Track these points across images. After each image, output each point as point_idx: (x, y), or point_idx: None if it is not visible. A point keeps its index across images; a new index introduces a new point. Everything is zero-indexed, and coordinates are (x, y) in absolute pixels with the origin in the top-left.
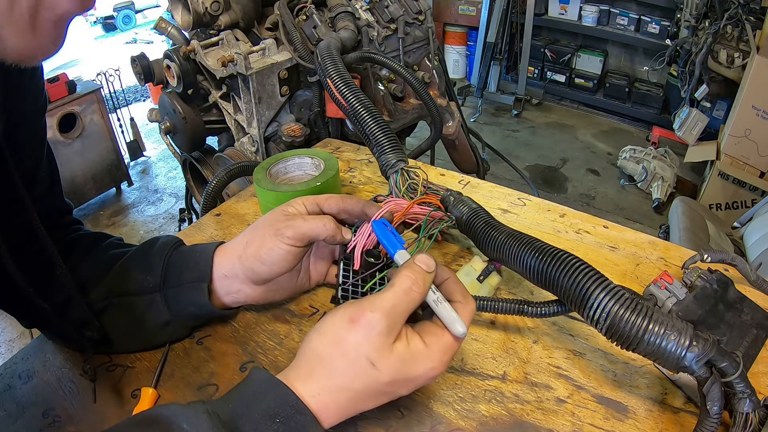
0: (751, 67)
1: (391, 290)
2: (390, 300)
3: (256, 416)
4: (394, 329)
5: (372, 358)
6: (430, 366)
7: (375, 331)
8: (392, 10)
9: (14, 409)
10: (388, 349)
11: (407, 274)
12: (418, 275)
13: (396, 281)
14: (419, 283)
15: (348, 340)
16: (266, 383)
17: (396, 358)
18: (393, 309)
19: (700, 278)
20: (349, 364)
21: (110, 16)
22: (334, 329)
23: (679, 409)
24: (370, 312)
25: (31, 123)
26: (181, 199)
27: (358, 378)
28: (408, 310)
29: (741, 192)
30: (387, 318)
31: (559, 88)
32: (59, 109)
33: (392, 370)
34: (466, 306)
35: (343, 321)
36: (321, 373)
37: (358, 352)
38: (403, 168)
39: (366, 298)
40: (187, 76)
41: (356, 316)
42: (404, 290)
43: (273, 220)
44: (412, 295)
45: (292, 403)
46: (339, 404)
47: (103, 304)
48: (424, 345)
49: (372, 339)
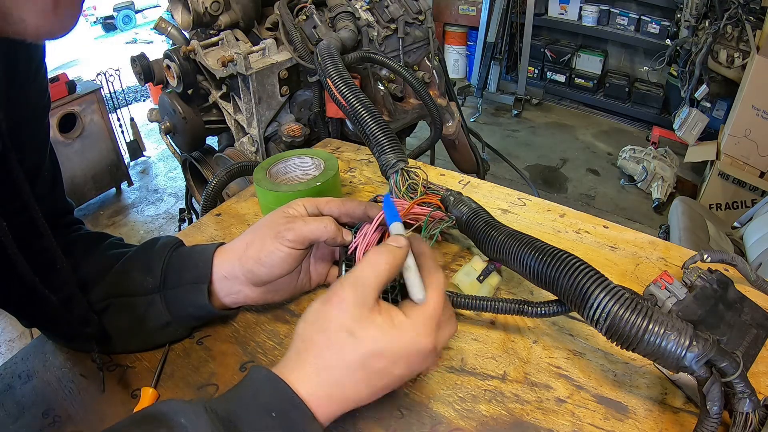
0: (751, 67)
1: (357, 265)
2: (354, 272)
3: (253, 411)
4: (365, 300)
5: (349, 328)
6: (414, 336)
7: (346, 303)
8: (392, 10)
9: (14, 409)
10: (366, 319)
11: (375, 248)
12: (382, 250)
13: (364, 257)
14: (385, 255)
15: (325, 317)
16: (263, 379)
17: (374, 326)
18: (358, 279)
19: (700, 278)
20: (329, 339)
21: (110, 16)
22: (313, 312)
23: (679, 409)
24: (339, 286)
25: (34, 122)
26: (181, 199)
27: (341, 352)
28: (378, 281)
29: (741, 192)
30: (353, 288)
31: (559, 88)
32: (59, 109)
33: (373, 338)
34: (433, 277)
35: (320, 302)
36: (307, 357)
37: (335, 324)
38: (403, 168)
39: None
40: (187, 76)
41: (329, 295)
42: (369, 262)
43: (273, 222)
44: (377, 266)
45: (288, 398)
46: (328, 387)
47: (103, 304)
48: (405, 316)
49: (345, 310)
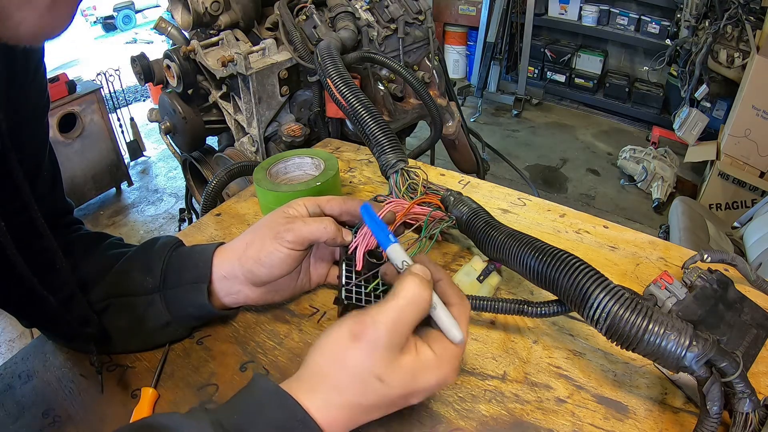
0: (751, 67)
1: (394, 301)
2: (393, 312)
3: (262, 428)
4: (399, 343)
5: (379, 374)
6: (442, 376)
7: (379, 347)
8: (392, 10)
9: (14, 409)
10: (396, 364)
11: (413, 281)
12: (422, 281)
13: (400, 291)
14: (426, 290)
15: (351, 357)
16: (272, 394)
17: (405, 371)
18: (397, 322)
19: (700, 278)
20: (355, 381)
21: (110, 16)
22: (336, 346)
23: (679, 409)
24: (372, 328)
25: (34, 121)
26: (181, 199)
27: (368, 394)
28: (414, 322)
29: (741, 192)
30: (390, 333)
31: (559, 88)
32: (59, 109)
33: (402, 383)
34: (462, 308)
35: (345, 337)
36: (325, 388)
37: (363, 368)
38: (403, 168)
39: (369, 310)
40: (187, 76)
41: (358, 331)
42: (409, 301)
43: (273, 222)
44: (420, 305)
45: (300, 417)
46: (346, 418)
47: (103, 304)
48: (434, 354)
49: (376, 356)
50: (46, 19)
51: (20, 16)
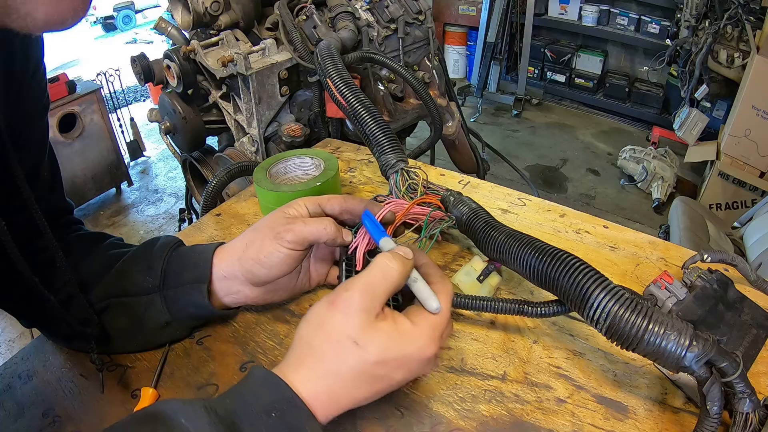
0: (751, 67)
1: (366, 270)
2: (364, 278)
3: (253, 411)
4: (372, 307)
5: (354, 336)
6: (420, 344)
7: (352, 309)
8: (392, 10)
9: (14, 409)
10: (370, 326)
11: (384, 254)
12: (396, 256)
13: (373, 263)
14: (396, 262)
15: (329, 322)
16: (263, 378)
17: (381, 335)
18: (367, 286)
19: (700, 278)
20: (333, 345)
21: (110, 16)
22: (316, 314)
23: (679, 409)
24: (345, 291)
25: (33, 121)
26: (181, 199)
27: (345, 359)
28: (386, 289)
29: (741, 192)
30: (362, 294)
31: (559, 88)
32: (59, 109)
33: (378, 347)
34: (443, 286)
35: (324, 305)
36: (310, 360)
37: (339, 332)
38: (403, 168)
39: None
40: (187, 76)
41: (334, 298)
42: (380, 268)
43: (273, 222)
44: (389, 273)
45: (288, 398)
46: (330, 390)
47: (102, 304)
48: (411, 323)
49: (350, 317)
50: (57, 7)
51: (29, 8)
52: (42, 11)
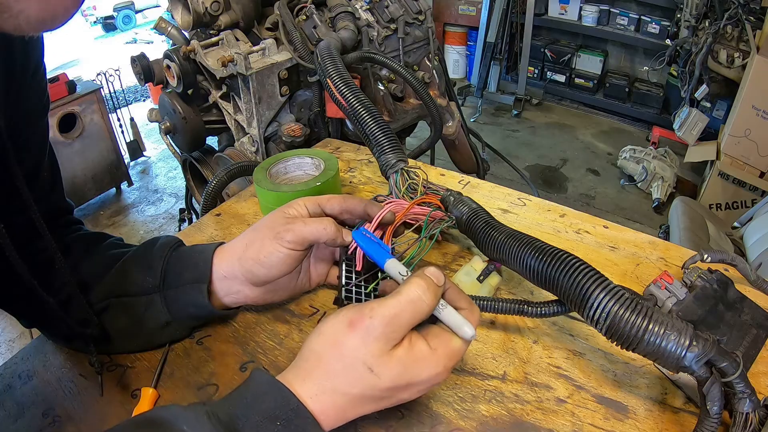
0: (751, 67)
1: (396, 298)
2: (393, 308)
3: (256, 418)
4: (393, 337)
5: (369, 363)
6: (435, 372)
7: (372, 338)
8: (392, 10)
9: (14, 409)
10: (387, 355)
11: (418, 283)
12: (429, 285)
13: (403, 289)
14: (429, 294)
15: (345, 344)
16: (266, 385)
17: (396, 363)
18: (394, 318)
19: (700, 278)
20: (346, 367)
21: (110, 16)
22: (333, 331)
23: (679, 409)
24: (369, 318)
25: (33, 121)
26: (181, 199)
27: (356, 383)
28: (413, 321)
29: (741, 192)
30: (386, 326)
31: (559, 88)
32: (59, 109)
33: (392, 375)
34: (471, 312)
35: (343, 324)
36: (319, 374)
37: (355, 356)
38: (403, 168)
39: (369, 302)
40: (187, 76)
41: (355, 320)
42: (410, 299)
43: (273, 222)
44: (419, 306)
45: (293, 406)
46: (337, 407)
47: (102, 304)
48: (429, 348)
49: (369, 345)
50: (49, 5)
51: (22, 6)
52: (35, 9)
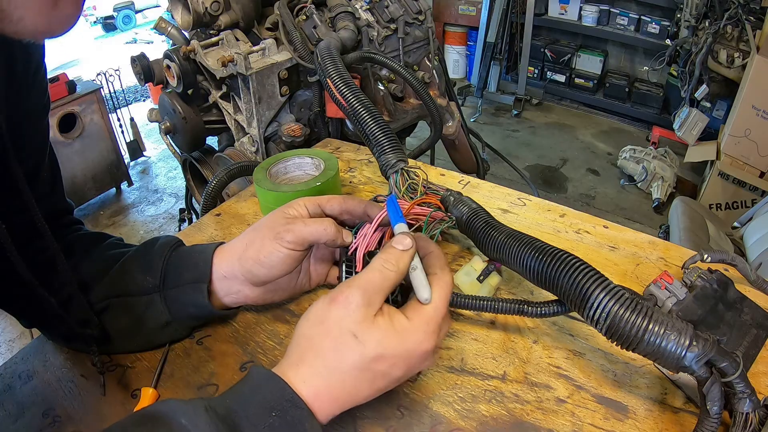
0: (751, 67)
1: (366, 269)
2: (363, 277)
3: (253, 410)
4: (372, 302)
5: (353, 330)
6: (417, 339)
7: (353, 305)
8: (392, 10)
9: (14, 409)
10: (369, 321)
11: (380, 255)
12: (390, 255)
13: (372, 261)
14: (391, 261)
15: (330, 317)
16: (263, 377)
17: (378, 330)
18: (367, 283)
19: (700, 278)
20: (333, 340)
21: (110, 16)
22: (317, 311)
23: (679, 409)
24: (347, 288)
25: (34, 122)
26: (181, 199)
27: (345, 354)
28: (384, 286)
29: (741, 192)
30: (362, 291)
31: (559, 88)
32: (59, 109)
33: (376, 343)
34: (441, 278)
35: (325, 302)
36: (311, 356)
37: (340, 326)
38: (403, 168)
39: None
40: (187, 76)
41: (335, 295)
42: (376, 267)
43: (273, 222)
44: (384, 273)
45: (288, 397)
46: (330, 388)
47: (103, 304)
48: (407, 319)
49: (351, 312)
50: (47, 17)
51: (21, 13)
52: (34, 18)
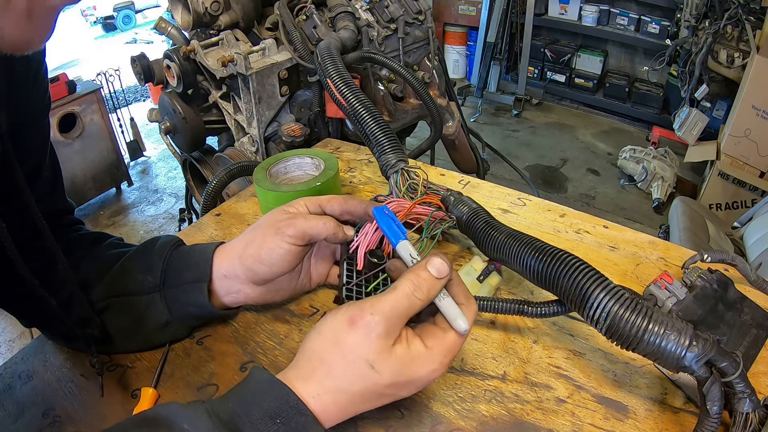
0: (751, 67)
1: (393, 293)
2: (390, 302)
3: (256, 416)
4: (393, 332)
5: (371, 360)
6: (431, 368)
7: (374, 334)
8: (392, 10)
9: (14, 409)
10: (387, 352)
11: (410, 279)
12: (422, 281)
13: (399, 284)
14: (422, 288)
15: (347, 341)
16: (266, 383)
17: (395, 360)
18: (392, 311)
19: (700, 278)
20: (348, 365)
21: (110, 16)
22: (333, 330)
23: (679, 409)
24: (370, 314)
25: (35, 121)
26: (181, 199)
27: (358, 380)
28: (408, 314)
29: (741, 192)
30: (386, 321)
31: (559, 88)
32: (59, 109)
33: (392, 372)
34: (468, 307)
35: (343, 322)
36: (321, 374)
37: (356, 354)
38: (404, 168)
39: (367, 299)
40: (187, 76)
41: (356, 317)
42: (405, 294)
43: (274, 219)
44: (412, 300)
45: (293, 404)
46: (339, 405)
47: (103, 304)
48: (425, 347)
49: (371, 341)
50: (24, 29)
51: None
52: (11, 29)
